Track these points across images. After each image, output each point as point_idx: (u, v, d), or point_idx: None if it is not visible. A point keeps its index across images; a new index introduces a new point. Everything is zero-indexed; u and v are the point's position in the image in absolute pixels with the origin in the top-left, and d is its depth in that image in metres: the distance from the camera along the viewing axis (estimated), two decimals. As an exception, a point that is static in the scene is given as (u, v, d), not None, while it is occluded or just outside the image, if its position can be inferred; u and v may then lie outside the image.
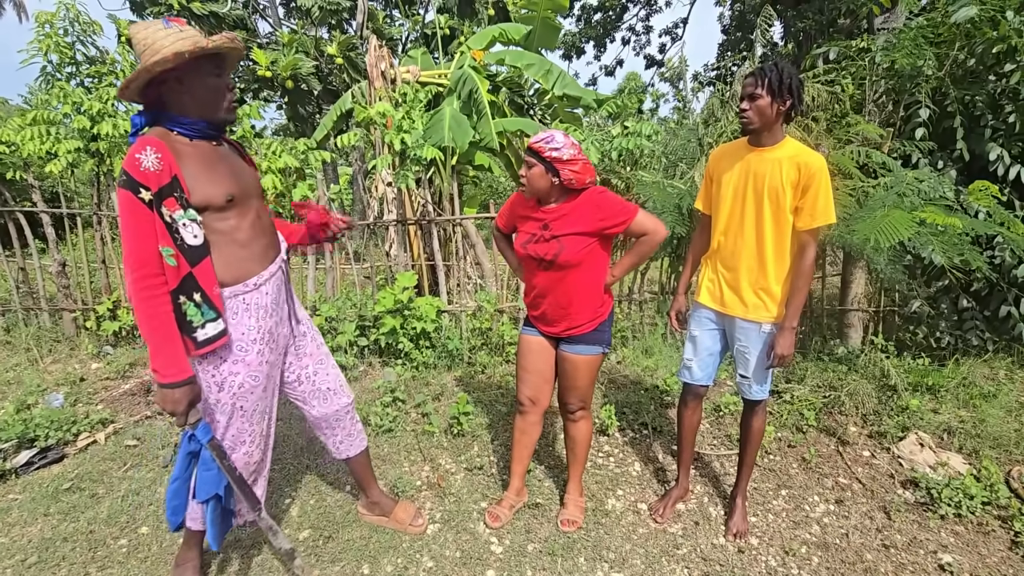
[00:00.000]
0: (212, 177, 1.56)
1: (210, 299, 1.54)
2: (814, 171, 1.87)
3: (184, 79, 1.52)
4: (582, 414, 2.27)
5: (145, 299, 1.47)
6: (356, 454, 2.16)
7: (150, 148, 1.45)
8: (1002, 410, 3.00)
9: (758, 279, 2.03)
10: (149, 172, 1.44)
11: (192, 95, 1.54)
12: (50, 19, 4.27)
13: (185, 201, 1.49)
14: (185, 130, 1.56)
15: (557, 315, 2.11)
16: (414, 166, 4.12)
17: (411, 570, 2.09)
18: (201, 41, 1.48)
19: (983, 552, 2.24)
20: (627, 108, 5.48)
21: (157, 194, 1.45)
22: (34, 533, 2.26)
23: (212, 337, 1.56)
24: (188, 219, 1.49)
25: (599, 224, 1.99)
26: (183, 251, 1.50)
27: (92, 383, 3.64)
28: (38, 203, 4.23)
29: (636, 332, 4.25)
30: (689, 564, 2.16)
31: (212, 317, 1.55)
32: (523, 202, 2.14)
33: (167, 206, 1.47)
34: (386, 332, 3.70)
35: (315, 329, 2.02)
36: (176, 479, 1.67)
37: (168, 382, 1.50)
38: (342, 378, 2.08)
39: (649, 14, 18.25)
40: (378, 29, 9.88)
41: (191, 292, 1.51)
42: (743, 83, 1.94)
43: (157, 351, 1.49)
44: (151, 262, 1.47)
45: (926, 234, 3.04)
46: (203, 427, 1.62)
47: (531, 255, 2.05)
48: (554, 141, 1.93)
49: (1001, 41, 3.37)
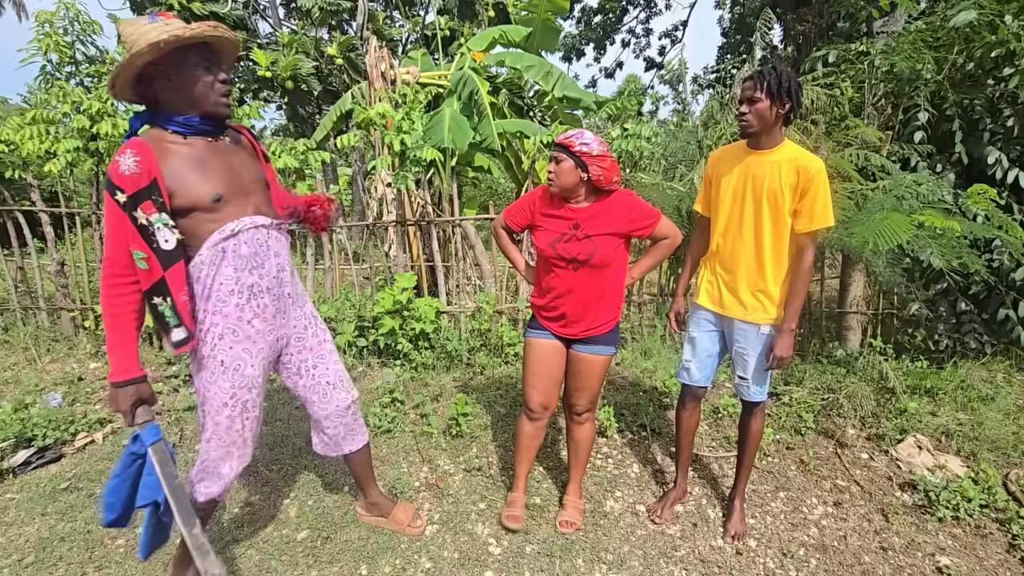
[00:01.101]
0: (201, 177, 1.56)
1: (176, 305, 1.56)
2: (812, 174, 1.87)
3: (171, 74, 1.52)
4: (588, 416, 2.26)
5: (108, 296, 1.52)
6: (357, 449, 2.13)
7: (130, 151, 1.47)
8: (1000, 413, 3.01)
9: (756, 281, 2.04)
10: (125, 176, 1.46)
11: (180, 90, 1.54)
12: (50, 18, 4.27)
13: (162, 204, 1.50)
14: (179, 128, 1.56)
15: (578, 315, 2.08)
16: (414, 167, 4.12)
17: (409, 571, 2.08)
18: (178, 30, 1.46)
19: (981, 555, 2.25)
20: (627, 110, 5.49)
21: (132, 197, 1.46)
22: (31, 533, 2.25)
23: (182, 340, 1.60)
24: (162, 223, 1.50)
25: (630, 226, 2.01)
26: (157, 255, 1.51)
27: (90, 383, 3.63)
28: (37, 202, 4.22)
29: (635, 334, 4.25)
30: (687, 566, 2.16)
31: (177, 323, 1.58)
32: (548, 200, 2.09)
33: (143, 209, 1.48)
34: (385, 333, 3.70)
35: (321, 325, 1.99)
36: (115, 476, 1.61)
37: (118, 380, 1.53)
38: (344, 375, 2.04)
39: (649, 16, 18.32)
40: (378, 30, 9.89)
41: (164, 295, 1.55)
42: (742, 86, 1.95)
43: (111, 348, 1.54)
44: (119, 262, 1.51)
45: (925, 237, 3.05)
46: (150, 429, 1.59)
47: (561, 255, 2.02)
48: (584, 136, 1.93)
49: (1000, 45, 3.39)
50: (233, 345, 1.69)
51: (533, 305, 2.23)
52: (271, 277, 1.74)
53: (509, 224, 2.22)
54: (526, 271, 2.32)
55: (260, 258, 1.70)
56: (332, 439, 2.08)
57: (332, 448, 2.10)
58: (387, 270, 4.39)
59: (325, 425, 2.04)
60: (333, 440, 2.08)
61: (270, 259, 1.73)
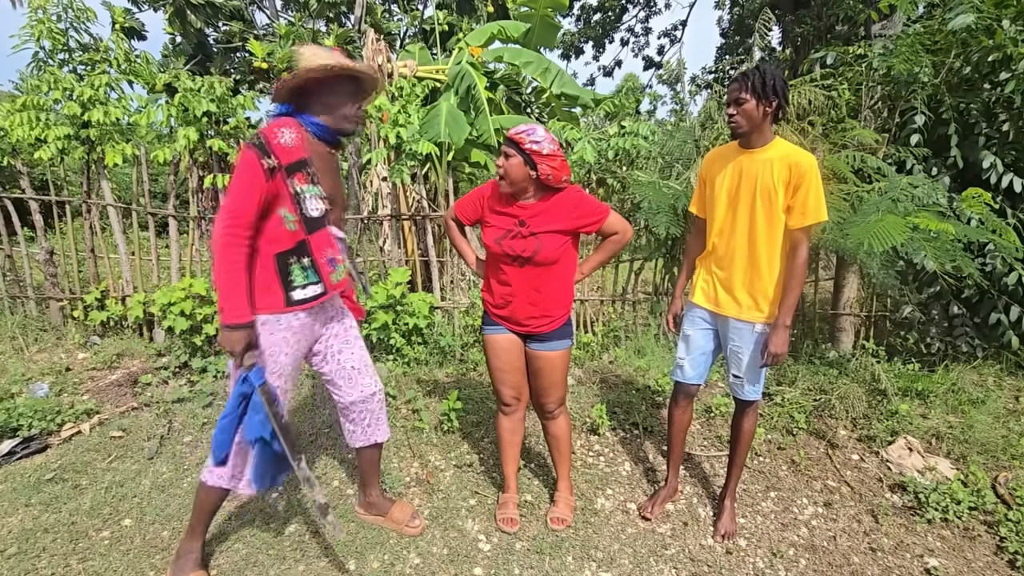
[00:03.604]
0: (321, 172, 1.80)
1: (317, 265, 1.79)
2: (805, 169, 1.89)
3: (324, 92, 1.78)
4: (560, 410, 2.27)
5: (226, 245, 1.64)
6: (381, 441, 2.18)
7: (290, 128, 1.71)
8: (990, 416, 3.02)
9: (751, 279, 2.05)
10: (283, 146, 1.68)
11: (327, 103, 1.79)
12: (43, 5, 4.20)
13: (315, 177, 1.76)
14: (315, 129, 1.80)
15: (527, 312, 2.09)
16: (410, 161, 4.09)
17: (398, 567, 2.07)
18: (346, 64, 1.75)
19: (969, 557, 2.25)
20: (624, 108, 5.47)
21: (287, 167, 1.69)
22: (14, 524, 2.22)
23: (309, 298, 1.78)
24: (312, 193, 1.75)
25: (576, 222, 2.01)
26: (304, 220, 1.75)
27: (78, 373, 3.59)
28: (26, 190, 4.17)
29: (629, 332, 4.24)
30: (677, 564, 2.16)
31: (315, 280, 1.79)
32: (497, 195, 2.09)
33: (298, 179, 1.72)
34: (378, 327, 3.68)
35: (348, 313, 2.07)
36: (225, 416, 1.72)
37: (231, 323, 1.65)
38: (369, 362, 2.10)
39: (648, 15, 18.30)
40: (376, 23, 9.83)
41: (301, 256, 1.76)
42: (728, 89, 1.97)
43: (226, 294, 1.66)
44: (244, 217, 1.65)
45: (919, 240, 3.05)
46: (257, 371, 1.71)
47: (507, 252, 2.02)
48: (535, 134, 1.91)
49: (997, 50, 3.39)
50: (274, 332, 1.78)
51: (484, 301, 2.22)
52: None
53: (459, 217, 2.21)
54: (476, 266, 2.30)
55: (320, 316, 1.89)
56: (360, 426, 2.12)
57: (360, 437, 2.15)
58: (381, 264, 4.37)
59: (352, 412, 2.09)
60: (360, 428, 2.12)
61: (333, 263, 1.89)
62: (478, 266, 2.30)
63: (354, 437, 2.15)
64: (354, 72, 1.78)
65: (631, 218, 4.16)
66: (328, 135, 1.83)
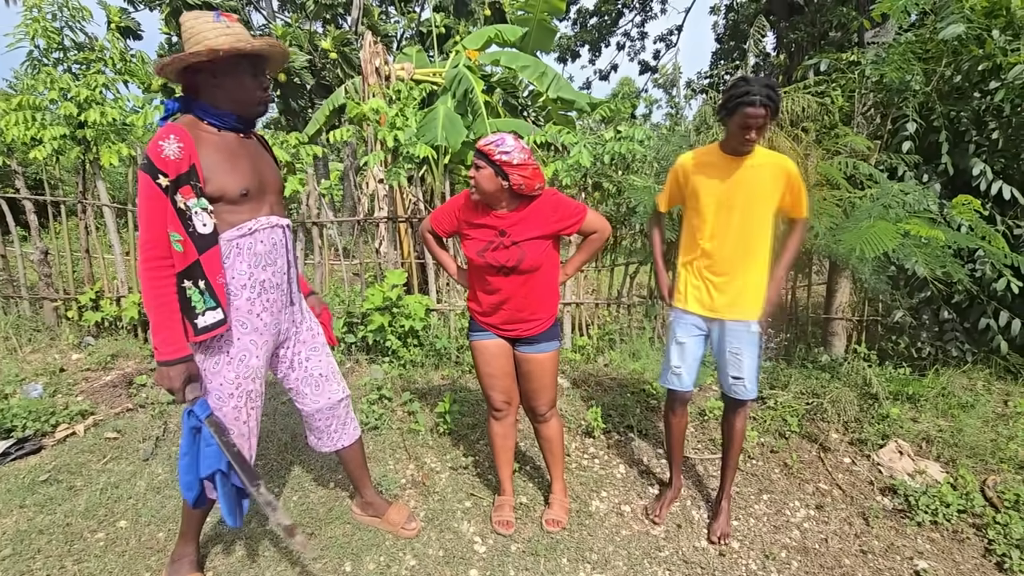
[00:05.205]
0: (231, 169, 1.62)
1: (213, 288, 1.59)
2: (794, 174, 2.08)
3: (218, 73, 1.58)
4: (551, 413, 2.28)
5: (151, 278, 1.55)
6: (350, 444, 2.14)
7: (173, 136, 1.51)
8: (979, 420, 3.06)
9: (746, 280, 2.12)
10: (169, 160, 1.50)
11: (224, 89, 1.60)
12: (38, 3, 4.19)
13: (199, 190, 1.55)
14: (214, 120, 1.62)
15: (517, 318, 2.09)
16: (406, 164, 4.11)
17: (393, 568, 2.08)
18: (240, 42, 1.54)
19: (958, 559, 2.29)
20: (620, 112, 5.50)
21: (174, 182, 1.51)
22: (8, 525, 2.22)
23: (211, 325, 1.60)
24: (200, 208, 1.55)
25: (556, 226, 2.01)
26: (192, 238, 1.55)
27: (72, 374, 3.58)
28: (21, 190, 4.15)
29: (624, 335, 4.27)
30: (671, 566, 2.18)
31: (212, 305, 1.60)
32: (471, 207, 2.05)
33: (182, 194, 1.52)
34: (374, 329, 3.69)
35: (313, 319, 2.03)
36: (185, 455, 1.68)
37: (166, 359, 1.57)
38: (336, 369, 2.06)
39: (644, 20, 18.40)
40: (373, 25, 9.84)
41: (196, 278, 1.57)
42: (749, 116, 1.90)
43: (157, 329, 1.57)
44: (160, 244, 1.54)
45: (910, 246, 3.09)
46: (201, 404, 1.66)
47: (490, 263, 2.01)
48: (504, 144, 1.89)
49: (987, 59, 3.45)
50: (240, 336, 1.72)
51: (471, 310, 2.21)
52: (281, 274, 1.80)
53: (436, 229, 2.18)
54: (458, 275, 2.30)
55: (273, 256, 1.76)
56: (325, 433, 2.09)
57: (326, 443, 2.11)
58: (377, 266, 4.37)
59: (316, 419, 2.04)
60: (326, 434, 2.09)
61: (282, 257, 1.80)
62: (460, 275, 2.29)
63: (320, 444, 2.12)
64: (257, 51, 1.59)
65: (626, 222, 4.19)
66: (236, 123, 1.67)
